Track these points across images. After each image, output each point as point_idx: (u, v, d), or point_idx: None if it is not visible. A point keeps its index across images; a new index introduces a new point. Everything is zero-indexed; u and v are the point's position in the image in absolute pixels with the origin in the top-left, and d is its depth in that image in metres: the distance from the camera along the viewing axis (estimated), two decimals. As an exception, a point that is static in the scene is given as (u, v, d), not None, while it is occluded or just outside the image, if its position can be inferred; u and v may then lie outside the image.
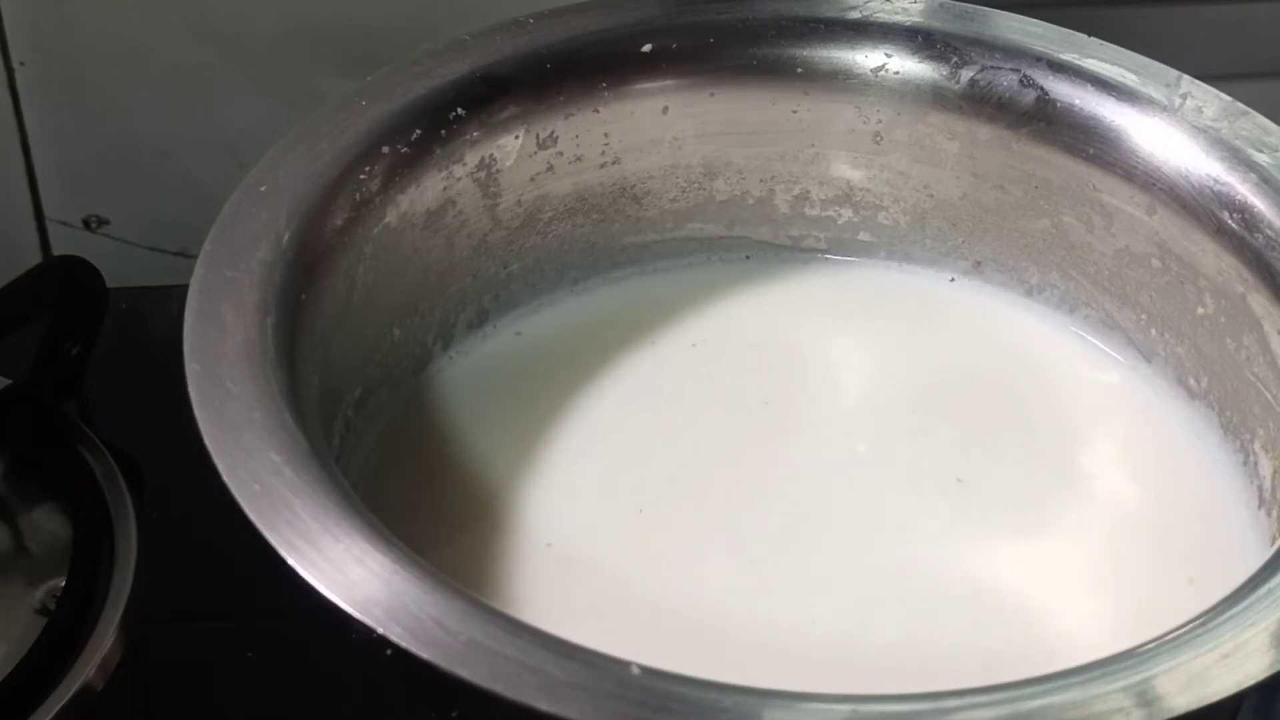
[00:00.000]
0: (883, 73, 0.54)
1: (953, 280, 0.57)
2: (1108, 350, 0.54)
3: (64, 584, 0.47)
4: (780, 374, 0.53)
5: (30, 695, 0.45)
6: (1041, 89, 0.52)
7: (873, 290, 0.57)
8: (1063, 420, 0.53)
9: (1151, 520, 0.50)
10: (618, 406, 0.52)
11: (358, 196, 0.48)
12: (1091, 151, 0.52)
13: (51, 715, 0.44)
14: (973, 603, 0.46)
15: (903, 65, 0.54)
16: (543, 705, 0.34)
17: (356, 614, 0.36)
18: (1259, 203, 0.49)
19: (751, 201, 0.57)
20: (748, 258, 0.57)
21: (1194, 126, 0.50)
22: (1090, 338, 0.55)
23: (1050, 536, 0.49)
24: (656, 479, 0.50)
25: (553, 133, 0.53)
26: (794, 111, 0.55)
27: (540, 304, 0.56)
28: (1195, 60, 0.53)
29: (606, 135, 0.54)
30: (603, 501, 0.49)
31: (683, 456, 0.51)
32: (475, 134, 0.51)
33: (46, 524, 0.50)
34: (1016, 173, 0.54)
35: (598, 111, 0.53)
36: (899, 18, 0.54)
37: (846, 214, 0.57)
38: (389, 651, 0.35)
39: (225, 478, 0.38)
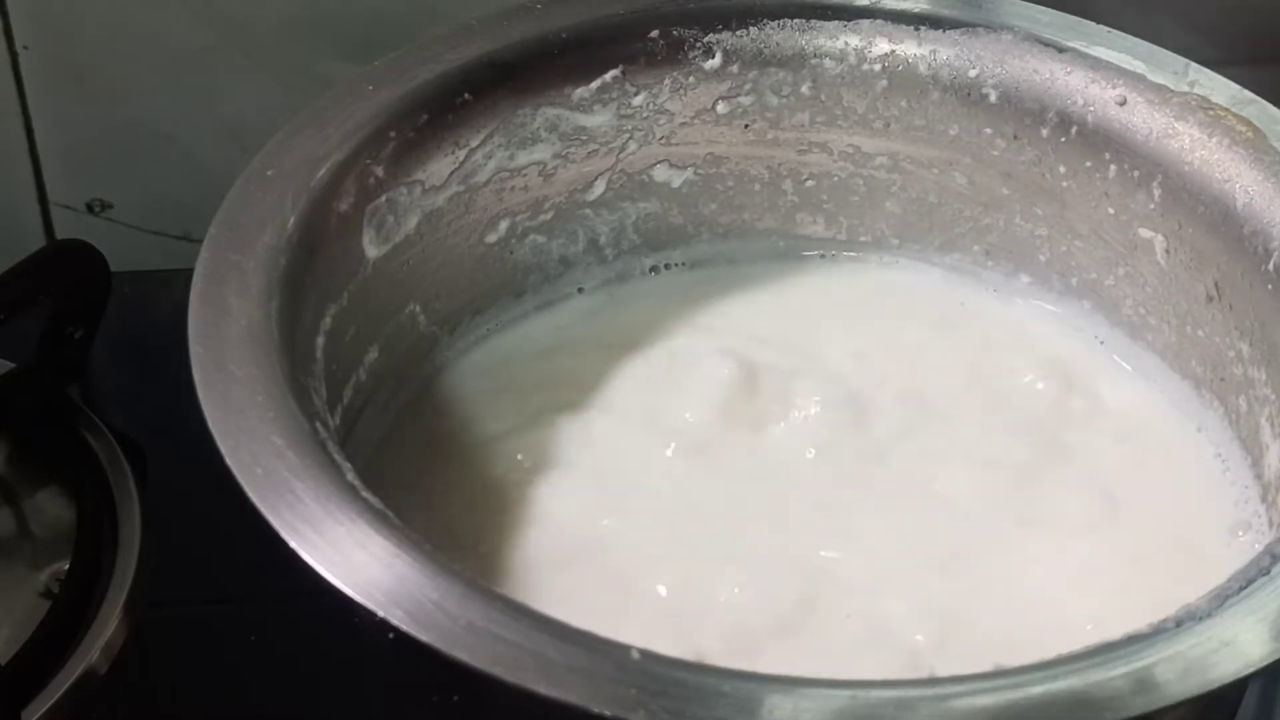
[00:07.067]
0: (888, 59, 0.54)
1: (958, 273, 0.57)
2: (1111, 341, 0.54)
3: (68, 567, 0.48)
4: (796, 370, 0.53)
5: (34, 678, 0.45)
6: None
7: (875, 286, 0.57)
8: (1070, 413, 0.53)
9: (1154, 512, 0.50)
10: (629, 398, 0.52)
11: (364, 181, 0.48)
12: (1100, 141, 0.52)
13: (55, 698, 0.44)
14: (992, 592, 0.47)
15: (909, 51, 0.54)
16: (542, 689, 0.34)
17: (358, 597, 0.36)
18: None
19: (758, 189, 0.57)
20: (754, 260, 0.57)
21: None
22: (1097, 329, 0.55)
23: (1061, 527, 0.49)
24: (671, 472, 0.50)
25: (560, 118, 0.53)
26: (801, 97, 0.54)
27: (547, 294, 0.56)
28: (1202, 46, 0.53)
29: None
30: (613, 490, 0.49)
31: (698, 449, 0.50)
32: (482, 119, 0.51)
33: (50, 507, 0.50)
34: (1024, 161, 0.54)
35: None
36: (906, 5, 0.54)
37: (853, 200, 0.57)
38: (390, 635, 0.36)
39: (228, 461, 0.39)
